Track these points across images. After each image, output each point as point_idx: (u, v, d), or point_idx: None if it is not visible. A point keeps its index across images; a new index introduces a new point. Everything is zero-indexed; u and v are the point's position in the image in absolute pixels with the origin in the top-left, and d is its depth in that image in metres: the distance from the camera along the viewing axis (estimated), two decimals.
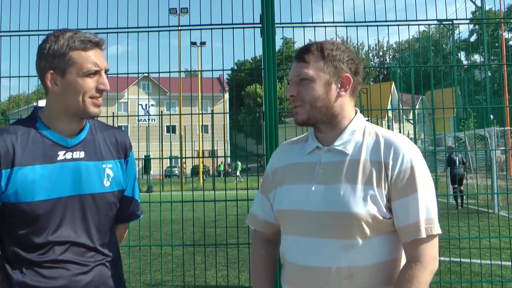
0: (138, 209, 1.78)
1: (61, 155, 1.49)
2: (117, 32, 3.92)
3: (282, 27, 3.93)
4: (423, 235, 1.32)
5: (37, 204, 1.43)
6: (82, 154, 1.52)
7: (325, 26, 4.10)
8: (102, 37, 1.55)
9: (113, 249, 1.63)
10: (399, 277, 1.35)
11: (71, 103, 1.48)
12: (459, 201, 12.14)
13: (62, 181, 1.47)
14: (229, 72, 63.45)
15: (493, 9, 30.49)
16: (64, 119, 1.51)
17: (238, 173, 25.19)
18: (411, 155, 1.38)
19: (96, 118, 1.63)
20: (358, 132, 1.45)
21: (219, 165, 31.36)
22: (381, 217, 1.35)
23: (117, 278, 1.62)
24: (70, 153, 1.50)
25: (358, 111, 1.52)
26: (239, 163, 29.79)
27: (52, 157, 1.47)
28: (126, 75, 4.04)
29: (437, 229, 1.35)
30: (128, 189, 1.69)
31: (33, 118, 1.53)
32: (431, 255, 1.34)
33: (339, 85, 1.44)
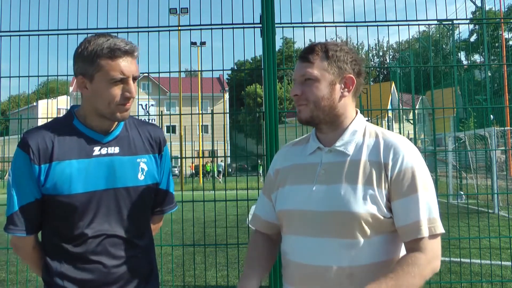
0: (172, 202, 1.85)
1: (96, 150, 1.56)
2: (117, 32, 3.92)
3: (282, 27, 3.93)
4: (424, 234, 1.33)
5: (75, 196, 1.50)
6: (116, 150, 1.59)
7: (325, 26, 4.11)
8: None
9: (147, 239, 1.70)
10: (401, 259, 1.35)
11: (99, 107, 1.54)
12: None
13: (97, 175, 1.54)
14: (229, 72, 63.44)
15: (493, 9, 30.51)
16: (96, 118, 1.57)
17: (216, 174, 24.00)
18: (411, 155, 1.39)
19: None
20: (358, 132, 1.47)
21: (205, 164, 30.37)
22: (381, 217, 1.35)
23: (148, 268, 1.68)
24: (105, 149, 1.57)
25: (359, 111, 1.53)
26: (221, 164, 29.15)
27: (88, 152, 1.54)
28: None
29: (440, 228, 1.36)
30: (163, 183, 1.75)
31: (70, 116, 1.60)
32: (435, 253, 1.35)
33: (343, 86, 1.45)
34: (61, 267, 1.54)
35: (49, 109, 5.24)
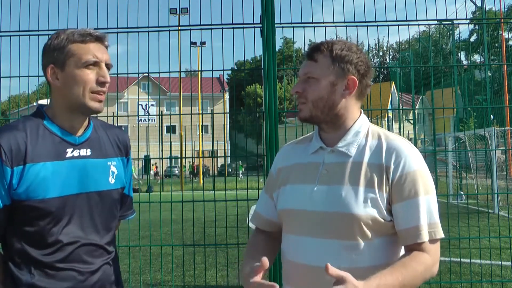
0: (132, 207, 1.80)
1: (69, 152, 1.48)
2: (117, 32, 3.92)
3: (282, 27, 3.93)
4: (425, 238, 1.33)
5: (50, 201, 1.42)
6: (88, 152, 1.52)
7: (325, 26, 4.10)
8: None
9: (114, 245, 1.65)
10: (412, 256, 1.33)
11: (72, 97, 1.47)
12: None
13: (70, 179, 1.47)
14: (229, 72, 63.37)
15: (493, 9, 30.52)
16: (67, 115, 1.50)
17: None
18: (413, 159, 1.38)
19: (97, 116, 1.63)
20: (361, 133, 1.46)
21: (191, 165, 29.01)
22: (381, 220, 1.35)
23: (117, 274, 1.63)
24: (78, 151, 1.50)
25: (362, 112, 1.52)
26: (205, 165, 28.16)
27: (61, 154, 1.47)
28: (126, 75, 4.04)
29: (440, 233, 1.36)
30: (126, 187, 1.71)
31: (40, 115, 1.51)
32: (434, 258, 1.35)
33: (344, 87, 1.44)
34: (31, 278, 1.41)
35: None
